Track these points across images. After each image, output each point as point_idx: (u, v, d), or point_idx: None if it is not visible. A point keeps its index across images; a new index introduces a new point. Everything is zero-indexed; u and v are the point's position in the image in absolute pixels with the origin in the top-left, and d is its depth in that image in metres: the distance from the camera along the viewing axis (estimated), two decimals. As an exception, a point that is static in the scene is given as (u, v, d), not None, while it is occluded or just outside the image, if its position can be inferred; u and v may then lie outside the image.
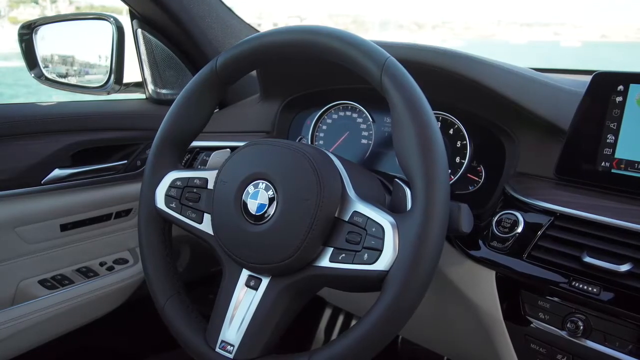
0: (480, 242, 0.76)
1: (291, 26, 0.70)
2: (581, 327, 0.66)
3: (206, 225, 0.71)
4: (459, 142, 0.89)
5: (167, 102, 1.20)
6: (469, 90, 0.80)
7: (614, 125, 0.71)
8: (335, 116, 1.04)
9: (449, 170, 0.88)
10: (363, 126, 1.00)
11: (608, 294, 0.64)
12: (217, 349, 0.66)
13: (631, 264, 0.63)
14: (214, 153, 0.92)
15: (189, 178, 0.74)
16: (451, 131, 0.89)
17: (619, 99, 0.71)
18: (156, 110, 1.22)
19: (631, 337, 0.64)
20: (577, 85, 0.78)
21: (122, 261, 1.22)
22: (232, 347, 0.65)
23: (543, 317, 0.71)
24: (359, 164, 0.96)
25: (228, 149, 0.99)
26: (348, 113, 1.02)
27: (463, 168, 0.87)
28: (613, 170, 0.71)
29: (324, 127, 1.05)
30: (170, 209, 0.74)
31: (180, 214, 0.73)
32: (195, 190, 0.73)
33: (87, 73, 1.23)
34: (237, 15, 1.27)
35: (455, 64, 0.79)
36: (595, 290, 0.65)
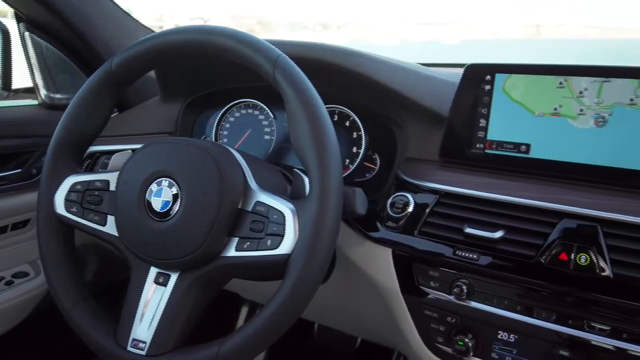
0: (378, 223, 0.83)
1: (187, 26, 0.71)
2: (465, 290, 0.74)
3: (110, 227, 0.71)
4: (355, 133, 0.94)
5: (62, 107, 1.14)
6: (360, 84, 0.86)
7: (484, 111, 0.80)
8: (237, 114, 1.06)
9: (347, 160, 0.94)
10: (265, 123, 1.03)
11: (486, 259, 0.73)
12: (129, 348, 0.66)
13: (503, 231, 0.72)
14: (114, 155, 0.91)
15: (89, 181, 0.73)
16: (347, 123, 0.95)
17: (487, 87, 0.80)
18: (50, 116, 1.16)
19: (507, 295, 0.73)
20: (456, 77, 0.87)
21: (22, 274, 1.16)
22: (144, 344, 0.65)
23: (433, 285, 0.78)
24: (264, 159, 0.99)
25: (129, 151, 0.98)
26: (250, 111, 1.05)
27: (360, 157, 0.93)
28: (487, 151, 0.80)
29: (227, 126, 1.07)
30: (72, 214, 0.73)
31: (83, 217, 0.72)
32: (96, 192, 0.72)
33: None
34: (132, 17, 1.25)
35: (345, 61, 0.84)
36: (475, 256, 0.73)
